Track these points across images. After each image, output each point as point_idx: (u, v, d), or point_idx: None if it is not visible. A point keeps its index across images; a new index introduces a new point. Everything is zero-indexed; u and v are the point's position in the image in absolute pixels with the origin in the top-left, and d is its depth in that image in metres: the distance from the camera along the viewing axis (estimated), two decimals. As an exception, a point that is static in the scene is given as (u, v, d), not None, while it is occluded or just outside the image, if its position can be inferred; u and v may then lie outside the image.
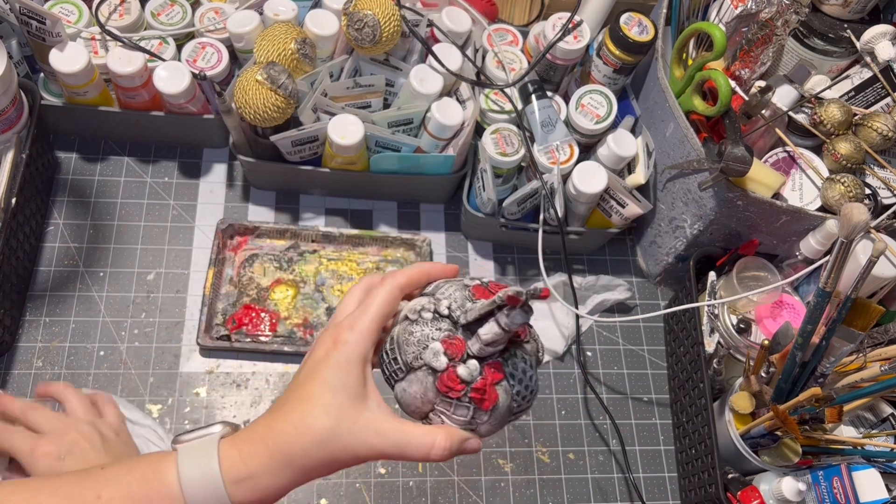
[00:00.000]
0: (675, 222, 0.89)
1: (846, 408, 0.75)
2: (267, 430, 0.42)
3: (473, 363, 0.42)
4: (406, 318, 0.44)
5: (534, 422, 0.86)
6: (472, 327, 0.42)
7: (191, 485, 0.40)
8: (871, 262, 0.66)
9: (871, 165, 0.83)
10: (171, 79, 0.82)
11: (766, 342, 0.74)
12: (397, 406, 0.45)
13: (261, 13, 0.87)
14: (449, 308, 0.43)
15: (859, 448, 0.76)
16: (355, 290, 0.47)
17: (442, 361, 0.42)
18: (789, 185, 0.84)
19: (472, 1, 0.92)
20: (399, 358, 0.43)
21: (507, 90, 0.88)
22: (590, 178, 0.84)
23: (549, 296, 0.38)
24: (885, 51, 0.83)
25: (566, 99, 0.92)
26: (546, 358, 0.90)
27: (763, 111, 0.83)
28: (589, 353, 0.92)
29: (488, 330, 0.41)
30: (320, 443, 0.41)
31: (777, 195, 0.83)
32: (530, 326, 0.46)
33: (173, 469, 0.41)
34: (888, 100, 0.85)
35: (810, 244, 0.81)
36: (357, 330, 0.43)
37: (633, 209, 0.87)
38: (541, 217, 0.85)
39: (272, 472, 0.41)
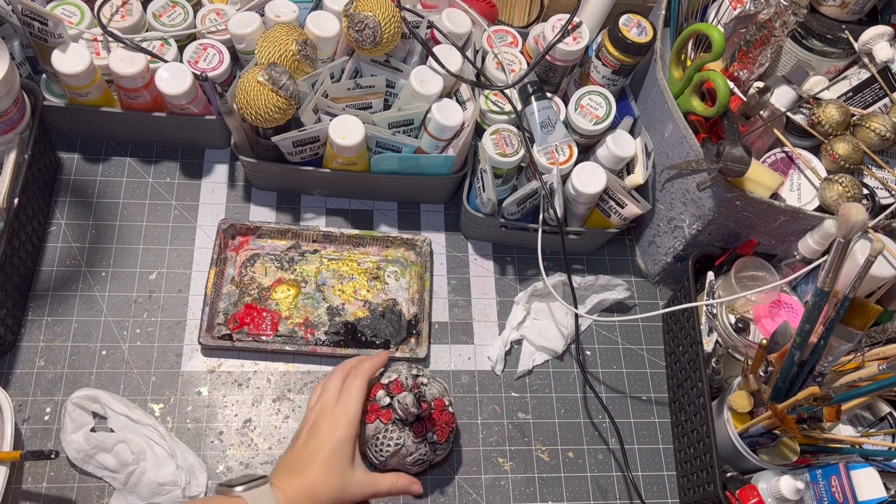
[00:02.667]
0: (674, 222, 0.89)
1: (844, 407, 0.75)
2: (302, 481, 0.64)
3: (383, 395, 0.75)
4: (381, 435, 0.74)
5: (533, 420, 0.87)
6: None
7: None
8: (869, 262, 0.67)
9: (869, 166, 0.84)
10: (173, 80, 0.82)
11: (765, 341, 0.74)
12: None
13: (262, 14, 0.87)
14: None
15: (857, 447, 0.76)
16: (335, 378, 0.72)
17: (386, 401, 0.74)
18: (787, 186, 0.84)
19: (472, 2, 0.92)
20: (382, 451, 0.74)
21: (507, 91, 0.89)
22: (589, 179, 0.84)
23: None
24: (882, 51, 0.83)
25: (565, 100, 0.92)
26: (545, 357, 0.90)
27: (761, 112, 0.83)
28: (588, 353, 0.92)
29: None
30: (335, 493, 0.65)
31: (775, 195, 0.83)
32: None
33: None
34: (886, 100, 0.85)
35: (808, 244, 0.81)
36: (348, 416, 0.69)
37: (632, 209, 0.87)
38: (540, 217, 0.86)
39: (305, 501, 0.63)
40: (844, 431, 0.81)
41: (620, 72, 0.89)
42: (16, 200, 0.77)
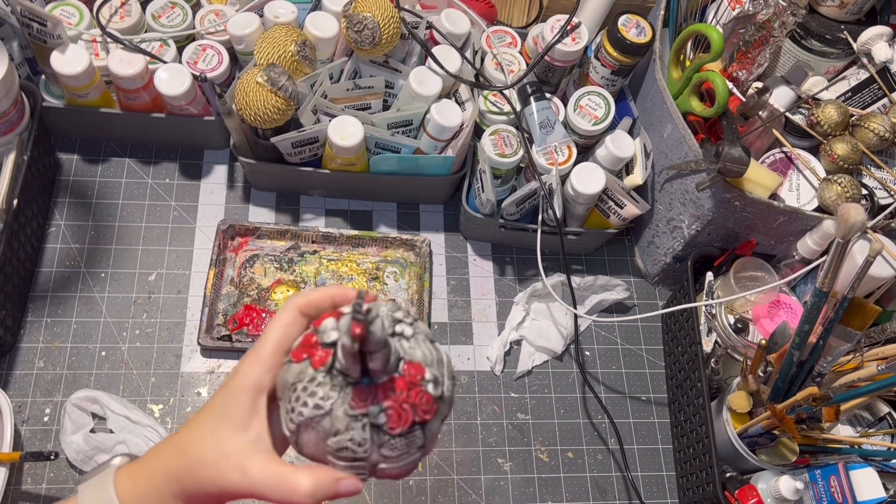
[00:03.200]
0: (673, 223, 0.89)
1: (843, 407, 0.75)
2: (154, 451, 0.41)
3: (331, 321, 0.40)
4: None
5: (533, 421, 0.87)
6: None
7: None
8: (868, 263, 0.67)
9: (868, 166, 0.84)
10: (172, 80, 0.82)
11: (764, 342, 0.74)
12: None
13: (261, 15, 0.87)
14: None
15: (856, 447, 0.76)
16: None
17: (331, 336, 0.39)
18: (786, 186, 0.84)
19: (471, 3, 0.92)
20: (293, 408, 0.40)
21: (506, 92, 0.89)
22: (588, 179, 0.84)
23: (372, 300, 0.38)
24: (881, 52, 0.83)
25: (564, 100, 0.92)
26: (545, 357, 0.90)
27: (760, 112, 0.83)
28: (587, 353, 0.92)
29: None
30: (189, 469, 0.39)
31: (774, 196, 0.83)
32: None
33: None
34: (885, 101, 0.85)
35: (807, 244, 0.81)
36: (250, 357, 0.41)
37: (631, 210, 0.87)
38: (539, 217, 0.86)
39: (159, 493, 0.40)
40: (843, 432, 0.82)
41: (619, 72, 0.89)
42: (15, 201, 0.77)
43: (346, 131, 0.82)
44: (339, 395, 0.39)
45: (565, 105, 0.90)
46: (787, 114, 0.85)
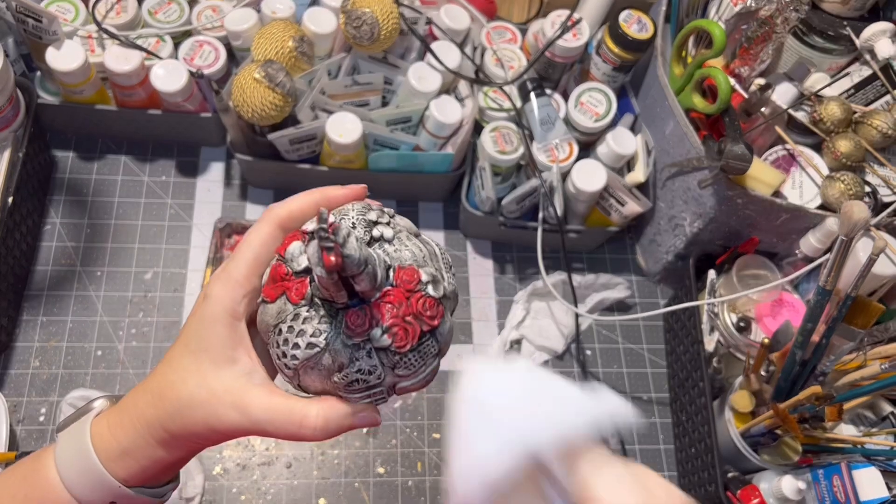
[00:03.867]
0: (675, 220, 0.88)
1: (846, 406, 0.75)
2: (131, 399, 0.37)
3: (298, 245, 0.35)
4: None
5: (533, 421, 0.86)
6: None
7: (69, 473, 0.36)
8: (872, 261, 0.66)
9: (871, 163, 0.83)
10: (169, 77, 0.82)
11: (766, 341, 0.74)
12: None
13: (258, 11, 0.87)
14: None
15: (859, 446, 0.76)
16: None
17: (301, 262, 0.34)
18: (789, 183, 0.83)
19: (471, -2, 0.92)
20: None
21: (506, 88, 0.88)
22: (589, 177, 0.84)
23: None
24: (884, 48, 0.83)
25: (565, 97, 0.91)
26: (545, 357, 0.90)
27: (763, 109, 0.83)
28: (588, 352, 0.92)
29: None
30: (173, 413, 0.35)
31: (777, 193, 0.83)
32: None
33: (52, 459, 0.36)
34: (888, 97, 0.84)
35: (810, 242, 0.81)
36: (222, 280, 0.36)
37: (633, 207, 0.87)
38: (540, 215, 0.85)
39: (143, 444, 0.36)
40: (846, 431, 0.81)
41: (621, 68, 0.89)
42: (10, 199, 0.77)
43: (344, 128, 0.81)
44: (331, 327, 0.34)
45: (566, 101, 0.89)
46: (790, 111, 0.84)
